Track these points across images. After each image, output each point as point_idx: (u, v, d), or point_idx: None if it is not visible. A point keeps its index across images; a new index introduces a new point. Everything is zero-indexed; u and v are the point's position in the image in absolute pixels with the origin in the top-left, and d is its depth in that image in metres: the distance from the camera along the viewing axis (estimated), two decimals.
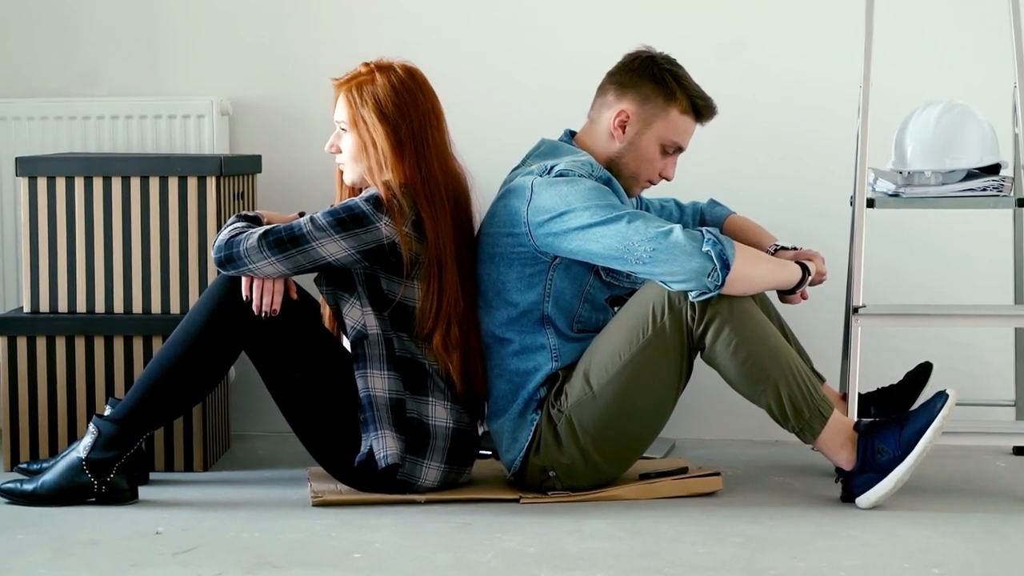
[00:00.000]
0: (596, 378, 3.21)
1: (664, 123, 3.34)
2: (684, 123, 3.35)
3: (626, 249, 3.13)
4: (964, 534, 3.02)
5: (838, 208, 3.74)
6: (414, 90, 3.25)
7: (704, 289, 3.12)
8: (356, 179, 3.29)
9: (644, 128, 3.33)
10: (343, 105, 3.27)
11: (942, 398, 3.17)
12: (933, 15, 3.93)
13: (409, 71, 3.26)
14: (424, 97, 3.25)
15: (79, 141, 4.01)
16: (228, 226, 3.24)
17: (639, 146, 3.34)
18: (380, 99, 3.22)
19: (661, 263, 3.12)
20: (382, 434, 3.20)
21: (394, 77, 3.24)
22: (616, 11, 3.97)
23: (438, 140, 3.25)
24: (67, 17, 4.10)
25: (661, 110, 3.33)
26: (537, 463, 3.26)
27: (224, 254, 3.19)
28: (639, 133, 3.34)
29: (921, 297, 3.90)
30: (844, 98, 3.71)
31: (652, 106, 3.33)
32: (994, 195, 3.44)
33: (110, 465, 3.22)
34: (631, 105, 3.33)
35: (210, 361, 3.25)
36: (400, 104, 3.22)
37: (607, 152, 3.35)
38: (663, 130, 3.34)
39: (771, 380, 3.16)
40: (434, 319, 3.21)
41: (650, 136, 3.34)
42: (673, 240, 3.11)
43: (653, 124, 3.33)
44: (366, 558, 2.86)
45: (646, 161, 3.35)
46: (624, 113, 3.33)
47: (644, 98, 3.33)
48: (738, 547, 2.93)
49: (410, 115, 3.23)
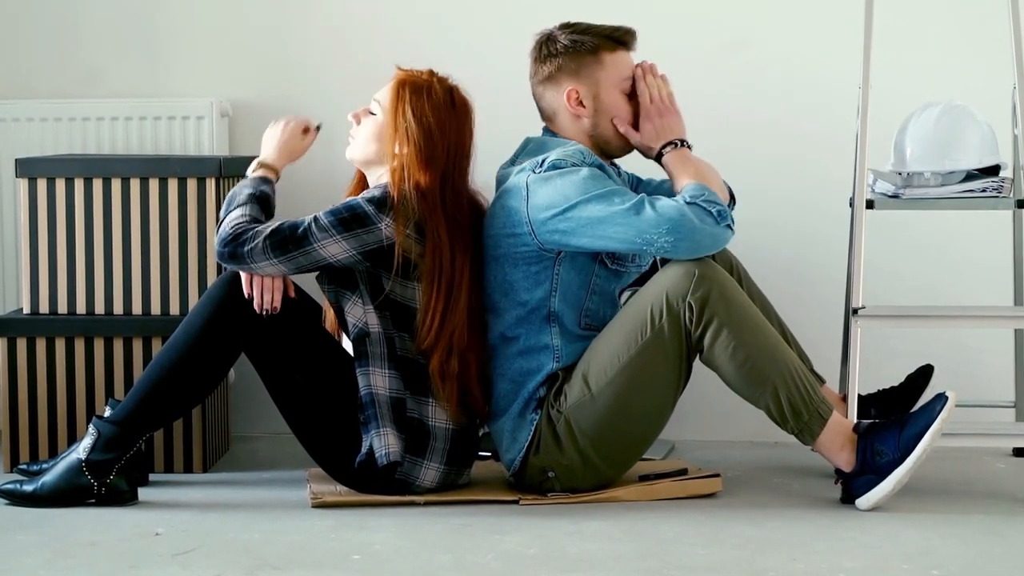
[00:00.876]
0: (595, 380, 3.21)
1: (606, 72, 3.35)
2: (621, 58, 3.37)
3: (646, 242, 3.15)
4: (964, 535, 3.02)
5: (838, 209, 3.74)
6: (463, 119, 3.28)
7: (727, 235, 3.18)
8: (358, 157, 3.32)
9: (596, 89, 3.35)
10: (392, 89, 3.28)
11: (941, 400, 3.17)
12: (933, 16, 3.93)
13: (465, 102, 3.30)
14: (468, 130, 3.29)
15: (79, 142, 4.01)
16: (233, 209, 3.23)
17: (605, 105, 3.35)
18: (431, 108, 3.24)
19: (683, 249, 3.16)
20: (383, 431, 3.20)
21: (452, 97, 3.27)
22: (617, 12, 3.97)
23: (462, 172, 3.28)
24: (67, 19, 4.10)
25: (595, 64, 3.34)
26: (537, 463, 3.26)
27: (228, 251, 3.19)
28: (595, 96, 3.35)
29: (921, 298, 3.90)
30: (843, 99, 3.71)
31: (586, 68, 3.34)
32: (993, 196, 3.44)
33: (110, 466, 3.22)
34: (570, 82, 3.34)
35: (210, 362, 3.25)
36: (445, 123, 3.24)
37: (584, 131, 3.35)
38: (610, 78, 3.35)
39: (770, 382, 3.16)
40: (435, 337, 3.21)
41: (606, 91, 3.35)
42: (688, 221, 3.13)
43: (599, 80, 3.35)
44: (365, 559, 2.86)
45: (618, 113, 3.36)
46: (572, 91, 3.34)
47: (575, 69, 3.34)
48: (738, 548, 2.93)
49: (449, 137, 3.24)
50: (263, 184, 3.31)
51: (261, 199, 3.27)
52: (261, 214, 3.24)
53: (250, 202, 3.25)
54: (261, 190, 3.28)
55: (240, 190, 3.28)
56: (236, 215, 3.23)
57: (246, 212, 3.23)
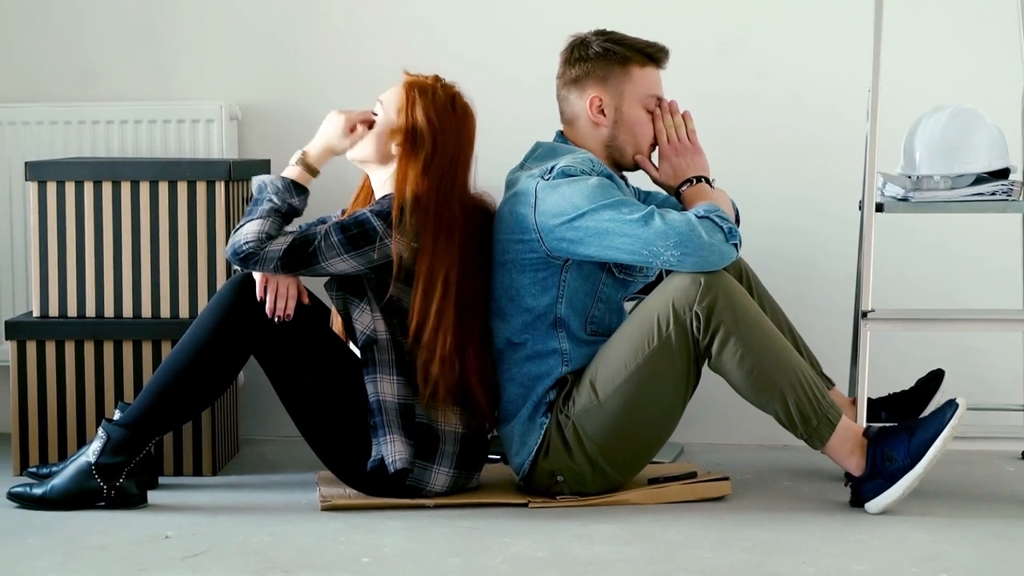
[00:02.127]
0: (602, 387, 3.21)
1: (632, 85, 3.35)
2: (649, 75, 3.37)
3: (652, 255, 3.14)
4: (973, 539, 3.02)
5: (847, 212, 3.74)
6: (463, 122, 3.28)
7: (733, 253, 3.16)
8: (361, 156, 3.32)
9: (619, 100, 3.34)
10: (399, 92, 3.28)
11: (952, 407, 3.16)
12: (941, 19, 3.93)
13: (465, 106, 3.30)
14: (467, 134, 3.29)
15: (88, 146, 4.01)
16: (253, 220, 3.19)
17: (625, 118, 3.35)
18: (435, 111, 3.25)
19: (689, 262, 3.14)
20: (391, 439, 3.20)
21: (454, 102, 3.28)
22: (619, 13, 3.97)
23: (462, 176, 3.28)
24: (76, 22, 4.10)
25: (623, 75, 3.34)
26: (546, 467, 3.26)
27: (238, 261, 3.18)
28: (618, 108, 3.34)
29: (930, 301, 3.89)
30: (853, 102, 3.71)
31: (614, 78, 3.34)
32: (1003, 199, 3.43)
33: (119, 469, 3.23)
34: (596, 89, 3.34)
35: (219, 365, 3.25)
36: (447, 126, 3.25)
37: (600, 140, 3.35)
38: (636, 92, 3.35)
39: (778, 388, 3.16)
40: (415, 340, 3.21)
41: (629, 103, 3.35)
42: (696, 236, 3.12)
43: (624, 92, 3.34)
44: (375, 562, 2.86)
45: (638, 127, 3.36)
46: (595, 98, 3.34)
47: (602, 76, 3.34)
48: (747, 552, 2.92)
49: (449, 140, 3.24)
50: (291, 195, 3.24)
51: (285, 214, 3.24)
52: (280, 229, 3.22)
53: (270, 216, 3.21)
54: (289, 204, 3.24)
55: (264, 196, 3.23)
56: (253, 230, 3.19)
57: (264, 229, 3.19)
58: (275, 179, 3.26)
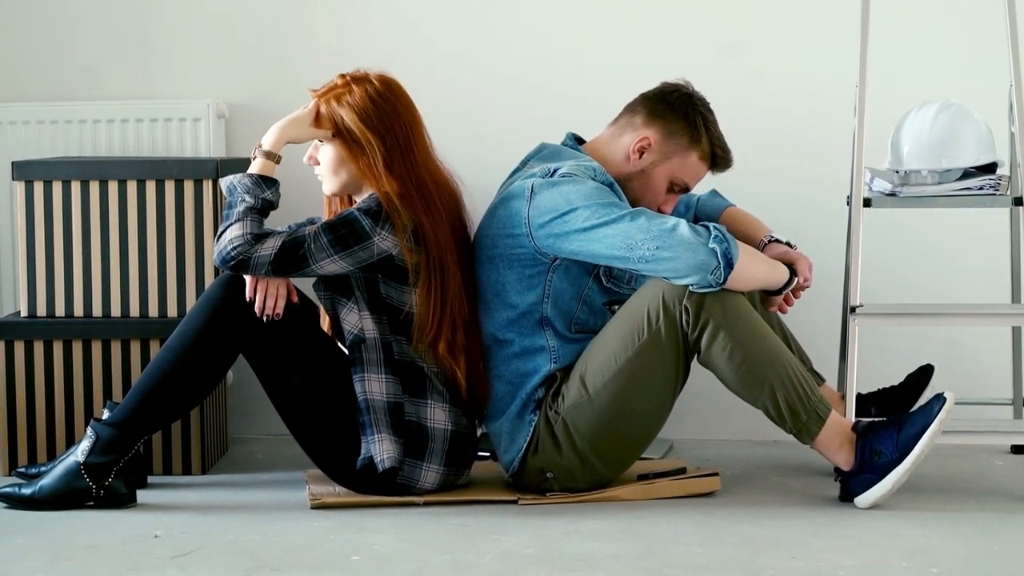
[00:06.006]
0: (592, 382, 3.21)
1: (681, 162, 3.34)
2: (699, 168, 3.36)
3: (628, 247, 3.13)
4: (962, 533, 3.03)
5: (835, 207, 3.75)
6: (393, 100, 3.24)
7: (707, 284, 3.12)
8: (336, 189, 3.29)
9: (661, 160, 3.33)
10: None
11: (940, 401, 3.17)
12: (929, 15, 3.93)
13: (386, 82, 3.26)
14: (403, 107, 3.25)
15: (75, 145, 4.00)
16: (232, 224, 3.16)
17: (650, 176, 3.34)
18: (361, 110, 3.22)
19: (664, 260, 3.12)
20: (380, 438, 3.20)
21: (371, 88, 3.24)
22: (615, 13, 3.97)
23: (422, 148, 3.25)
24: (63, 21, 4.10)
25: (683, 148, 3.33)
26: (535, 464, 3.27)
27: (228, 268, 3.17)
28: (654, 164, 3.34)
29: (918, 296, 3.90)
30: (840, 98, 3.71)
31: (675, 142, 3.33)
32: (991, 194, 3.44)
33: (108, 469, 3.22)
34: (656, 135, 3.33)
35: (208, 364, 3.24)
36: (381, 115, 3.22)
37: (618, 171, 3.34)
38: (678, 168, 3.34)
39: (767, 383, 3.16)
40: (437, 326, 3.21)
41: (663, 170, 3.34)
42: (678, 236, 3.11)
43: (670, 159, 3.34)
44: (365, 560, 2.86)
45: (652, 192, 3.35)
46: (647, 140, 3.33)
47: (670, 132, 3.33)
48: (736, 547, 2.93)
49: (392, 125, 3.22)
50: (262, 189, 3.21)
51: (261, 210, 3.23)
52: (261, 226, 3.21)
53: (248, 216, 3.18)
54: (262, 199, 3.21)
55: (238, 196, 3.19)
56: (236, 234, 3.16)
57: (246, 231, 3.17)
58: (242, 178, 3.22)
